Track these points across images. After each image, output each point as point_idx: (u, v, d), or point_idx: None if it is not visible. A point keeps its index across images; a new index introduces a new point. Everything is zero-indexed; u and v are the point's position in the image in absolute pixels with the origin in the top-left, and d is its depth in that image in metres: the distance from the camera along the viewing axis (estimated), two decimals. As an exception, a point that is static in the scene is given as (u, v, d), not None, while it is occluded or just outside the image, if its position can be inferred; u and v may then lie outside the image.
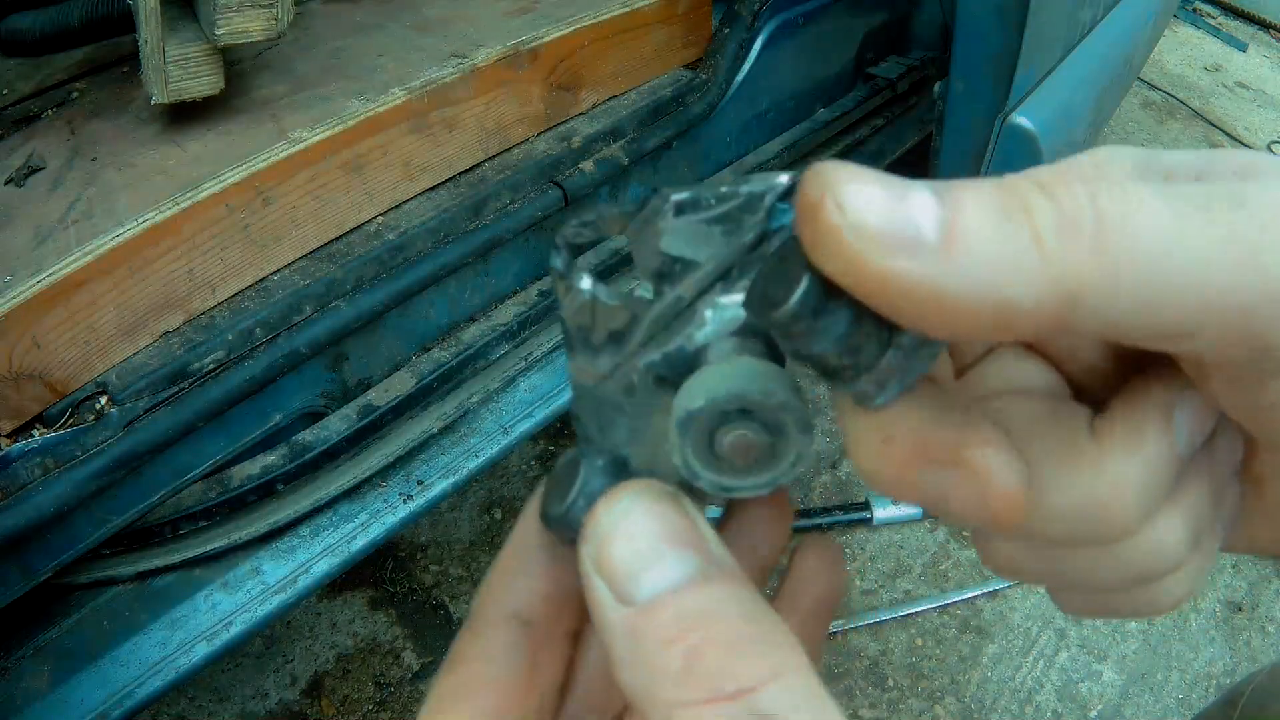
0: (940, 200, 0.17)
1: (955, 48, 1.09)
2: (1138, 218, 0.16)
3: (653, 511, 0.23)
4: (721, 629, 0.21)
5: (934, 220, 0.17)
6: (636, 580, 0.22)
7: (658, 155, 1.25)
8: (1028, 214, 0.17)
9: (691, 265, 0.24)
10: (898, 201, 0.17)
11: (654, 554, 0.22)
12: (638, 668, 0.21)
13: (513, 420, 1.10)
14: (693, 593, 0.21)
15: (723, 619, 0.21)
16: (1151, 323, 0.17)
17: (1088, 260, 0.16)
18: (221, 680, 1.45)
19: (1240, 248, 0.16)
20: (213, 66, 0.91)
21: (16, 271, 0.78)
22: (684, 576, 0.22)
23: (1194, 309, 0.17)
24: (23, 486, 0.77)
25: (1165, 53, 3.39)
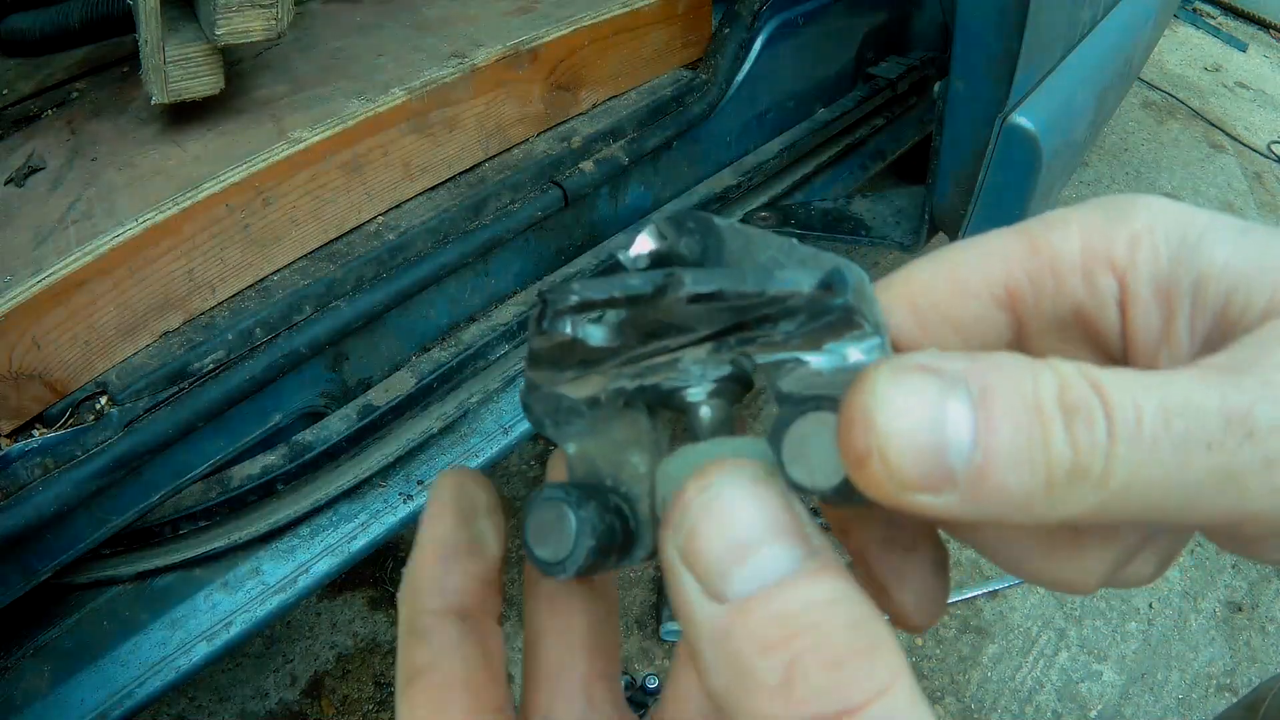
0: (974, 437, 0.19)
1: (955, 48, 1.09)
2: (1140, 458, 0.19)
3: (748, 495, 0.20)
4: (825, 636, 0.18)
5: (964, 459, 0.19)
6: (730, 574, 0.19)
7: (658, 155, 1.25)
8: (1047, 452, 0.19)
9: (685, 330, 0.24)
10: (934, 435, 0.19)
11: (750, 544, 0.20)
12: (730, 675, 0.19)
13: (513, 420, 1.10)
14: (794, 590, 0.19)
15: (826, 623, 0.19)
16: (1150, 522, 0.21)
17: (1092, 502, 0.19)
18: (221, 680, 1.45)
19: (1234, 484, 0.19)
20: (213, 66, 0.91)
21: (16, 271, 0.78)
22: (784, 570, 0.19)
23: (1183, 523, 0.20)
24: (23, 486, 0.77)
25: (1165, 53, 3.39)
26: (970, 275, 0.24)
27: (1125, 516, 0.19)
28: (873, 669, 0.18)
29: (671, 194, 1.32)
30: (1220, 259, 0.21)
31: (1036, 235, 0.23)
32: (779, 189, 1.44)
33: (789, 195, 1.47)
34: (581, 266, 1.19)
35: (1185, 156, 2.85)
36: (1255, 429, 0.19)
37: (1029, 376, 0.19)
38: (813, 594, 0.19)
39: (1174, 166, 2.80)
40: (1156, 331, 0.22)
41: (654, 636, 1.53)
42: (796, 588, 0.19)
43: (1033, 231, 0.23)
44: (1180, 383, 0.19)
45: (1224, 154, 2.88)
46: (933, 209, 1.29)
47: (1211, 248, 0.22)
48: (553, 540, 0.25)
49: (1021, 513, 0.19)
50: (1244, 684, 1.55)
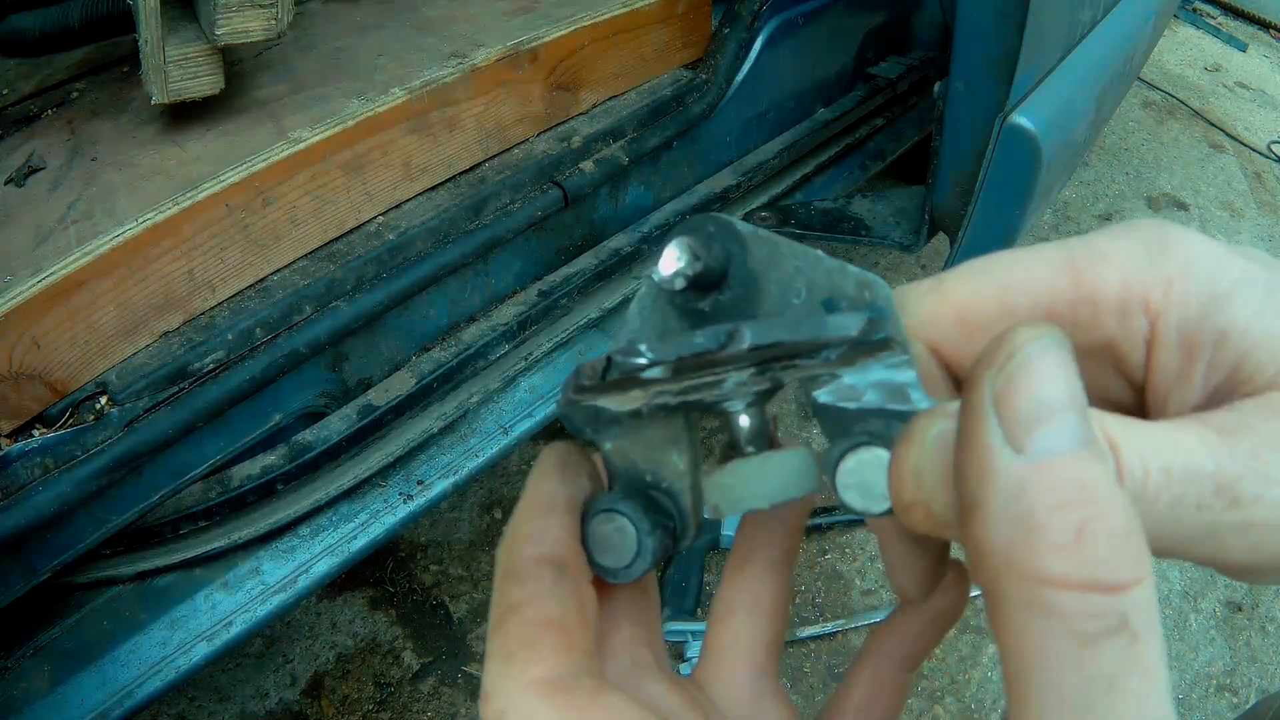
0: None
1: (955, 48, 1.09)
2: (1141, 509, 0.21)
3: (1064, 362, 0.21)
4: (1113, 511, 0.19)
5: None
6: (1035, 431, 0.20)
7: (658, 155, 1.25)
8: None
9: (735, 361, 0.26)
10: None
11: (1059, 407, 0.20)
12: (1017, 528, 0.19)
13: (513, 420, 1.10)
14: (1091, 464, 0.20)
15: (1113, 502, 0.19)
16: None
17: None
18: (222, 680, 1.45)
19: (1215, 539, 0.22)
20: (213, 66, 0.91)
21: (16, 271, 0.78)
22: (1082, 443, 0.20)
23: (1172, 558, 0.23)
24: (23, 486, 0.77)
25: (1165, 53, 3.39)
26: (1016, 299, 0.26)
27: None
28: (1144, 554, 0.19)
29: (671, 194, 1.32)
30: (1242, 321, 0.23)
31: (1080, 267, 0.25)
32: (779, 189, 1.44)
33: (789, 195, 1.47)
34: (582, 267, 1.19)
35: (1185, 156, 2.85)
36: (1240, 498, 0.21)
37: None
38: (1105, 472, 0.20)
39: (1174, 166, 2.80)
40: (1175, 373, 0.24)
41: (654, 636, 1.53)
42: (1091, 461, 0.20)
43: (1077, 261, 0.25)
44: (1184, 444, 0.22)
45: (1224, 154, 2.88)
46: (933, 209, 1.29)
47: (1236, 306, 0.23)
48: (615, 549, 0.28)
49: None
50: (1244, 684, 1.55)
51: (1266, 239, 2.55)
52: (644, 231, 1.25)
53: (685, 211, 1.29)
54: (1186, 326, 0.24)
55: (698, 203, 1.31)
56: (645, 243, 1.24)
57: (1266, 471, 0.21)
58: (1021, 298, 0.25)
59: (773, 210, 1.40)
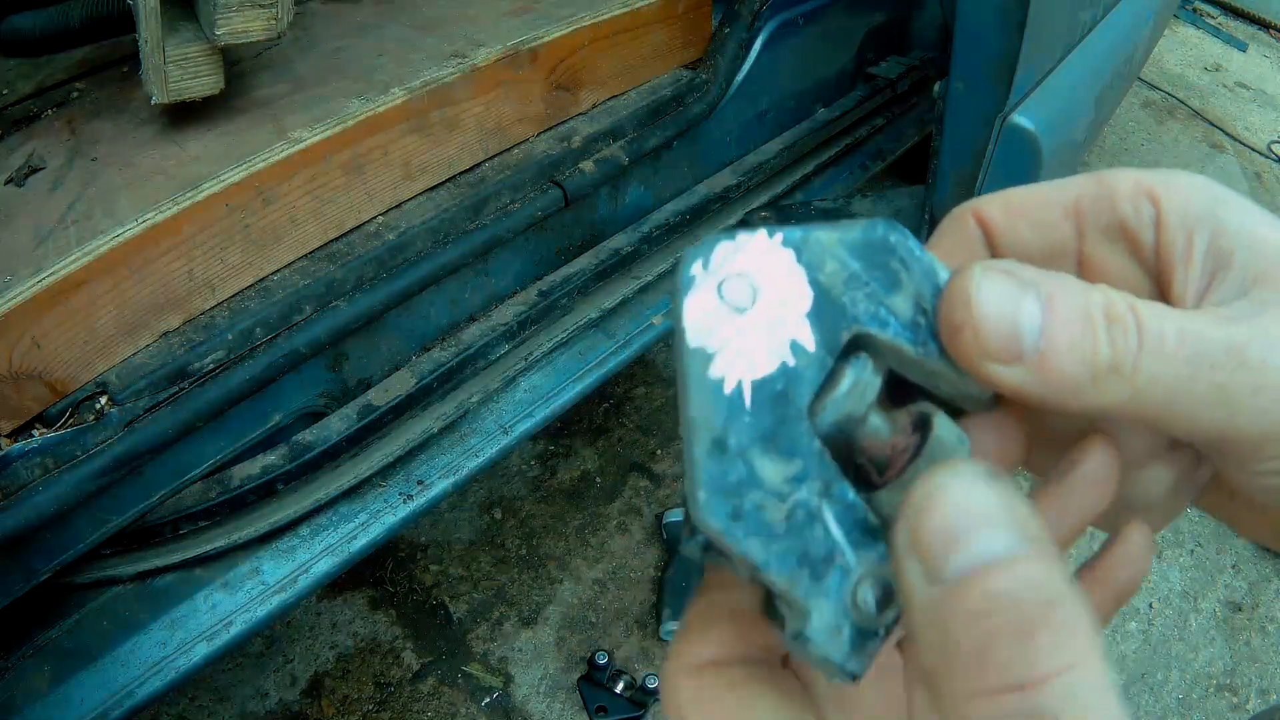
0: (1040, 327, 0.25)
1: (955, 48, 1.09)
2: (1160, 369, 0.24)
3: (970, 486, 0.22)
4: (1020, 612, 0.20)
5: (1032, 344, 0.25)
6: (945, 557, 0.21)
7: (658, 155, 1.25)
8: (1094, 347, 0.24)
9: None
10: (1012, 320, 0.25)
11: (968, 530, 0.21)
12: (937, 651, 0.21)
13: (513, 420, 1.10)
14: (1004, 570, 0.21)
15: (1024, 601, 0.20)
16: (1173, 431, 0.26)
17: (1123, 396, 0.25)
18: (221, 680, 1.45)
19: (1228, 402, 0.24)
20: (213, 66, 0.91)
21: (16, 271, 0.78)
22: (994, 554, 0.21)
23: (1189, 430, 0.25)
24: (23, 486, 0.77)
25: (1165, 53, 3.39)
26: (1050, 192, 0.30)
27: (1146, 413, 0.25)
28: (1062, 643, 0.20)
29: (671, 194, 1.32)
30: (1236, 220, 0.27)
31: (1102, 174, 0.30)
32: (779, 189, 1.44)
33: (789, 195, 1.47)
34: (582, 267, 1.19)
35: (1185, 156, 2.85)
36: (1248, 360, 0.24)
37: (1084, 290, 0.25)
38: (1017, 575, 0.21)
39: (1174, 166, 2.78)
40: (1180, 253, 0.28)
41: (654, 636, 1.53)
42: (1003, 570, 0.21)
43: (1100, 173, 0.30)
44: (1196, 318, 0.25)
45: (1224, 154, 2.88)
46: (933, 209, 1.29)
47: (1231, 210, 0.28)
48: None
49: (1071, 394, 0.25)
50: (1244, 684, 1.55)
51: (1266, 239, 2.55)
52: (644, 231, 1.25)
53: (685, 211, 1.29)
54: (1188, 216, 0.27)
55: (698, 203, 1.31)
56: (645, 243, 1.24)
57: (1269, 338, 0.24)
58: (1053, 191, 0.30)
59: (773, 210, 1.40)
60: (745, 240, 0.24)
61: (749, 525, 0.22)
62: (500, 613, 1.57)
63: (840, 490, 0.24)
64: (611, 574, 1.63)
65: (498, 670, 1.50)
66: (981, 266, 0.25)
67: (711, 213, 1.35)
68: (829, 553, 0.24)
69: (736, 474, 0.22)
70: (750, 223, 1.38)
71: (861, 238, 0.26)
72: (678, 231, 1.29)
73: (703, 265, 0.23)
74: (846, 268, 0.25)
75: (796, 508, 0.23)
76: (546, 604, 1.58)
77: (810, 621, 0.23)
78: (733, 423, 0.23)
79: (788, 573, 0.23)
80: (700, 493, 0.22)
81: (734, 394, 0.23)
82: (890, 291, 0.26)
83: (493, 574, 1.62)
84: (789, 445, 0.23)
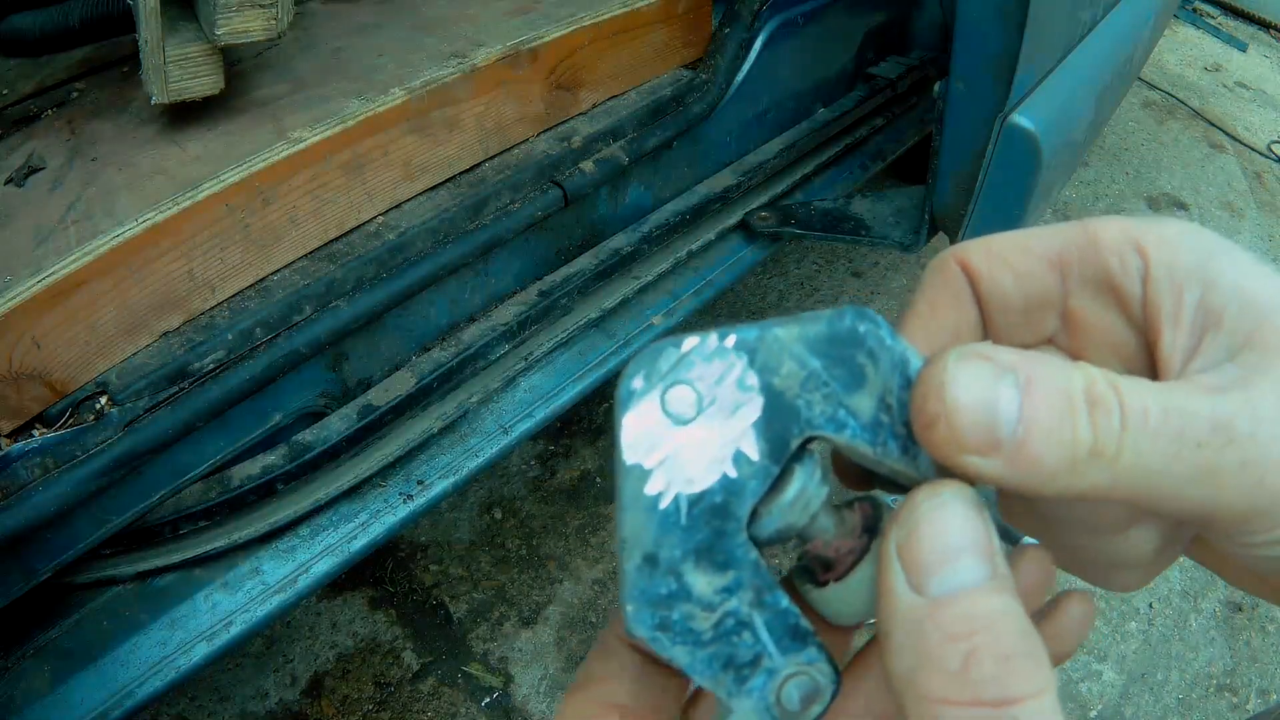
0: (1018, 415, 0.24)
1: (955, 48, 1.09)
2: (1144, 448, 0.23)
3: (962, 513, 0.24)
4: (1000, 638, 0.22)
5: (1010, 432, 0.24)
6: (933, 574, 0.23)
7: (658, 155, 1.25)
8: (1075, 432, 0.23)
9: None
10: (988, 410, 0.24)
11: (955, 552, 0.23)
12: (915, 658, 0.22)
13: (513, 420, 1.10)
14: (983, 597, 0.23)
15: (1003, 629, 0.22)
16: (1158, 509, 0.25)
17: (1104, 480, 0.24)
18: (221, 680, 1.45)
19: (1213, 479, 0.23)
20: (213, 66, 0.91)
21: (16, 271, 0.78)
22: (977, 580, 0.23)
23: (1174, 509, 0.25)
24: (23, 486, 0.77)
25: (1165, 53, 3.39)
26: (1034, 241, 0.29)
27: (1129, 495, 0.24)
28: (1033, 672, 0.22)
29: (671, 194, 1.32)
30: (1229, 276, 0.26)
31: (1088, 223, 0.29)
32: (779, 189, 1.44)
33: (789, 195, 1.47)
34: (582, 267, 1.19)
35: (1185, 156, 2.85)
36: (1235, 436, 0.23)
37: (1064, 371, 0.24)
38: (997, 603, 0.23)
39: (1174, 166, 2.80)
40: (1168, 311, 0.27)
41: (654, 636, 1.53)
42: (985, 597, 0.23)
43: (1086, 221, 0.29)
44: (1180, 392, 0.24)
45: (1224, 154, 2.88)
46: (933, 209, 1.29)
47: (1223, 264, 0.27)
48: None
49: (1050, 482, 0.24)
50: (1244, 684, 1.55)
51: (1266, 239, 2.55)
52: (644, 231, 1.25)
53: (685, 211, 1.29)
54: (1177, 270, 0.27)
55: (698, 202, 1.31)
56: (645, 243, 1.24)
57: (1257, 411, 0.24)
58: (1037, 241, 0.29)
59: (773, 210, 1.40)
60: (692, 346, 0.23)
61: (675, 635, 0.23)
62: (500, 613, 1.57)
63: (773, 599, 0.25)
64: (611, 574, 1.63)
65: (498, 670, 1.50)
66: (956, 354, 0.25)
67: (711, 213, 1.35)
68: (755, 656, 0.24)
69: (666, 587, 0.23)
70: (750, 222, 1.38)
71: (826, 332, 0.25)
72: (678, 231, 1.29)
73: (644, 377, 0.23)
74: (805, 366, 0.24)
75: (726, 616, 0.24)
76: (546, 604, 1.58)
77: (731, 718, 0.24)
78: (665, 538, 0.23)
79: (712, 676, 0.24)
80: (629, 605, 0.23)
81: (669, 509, 0.23)
82: (851, 390, 0.25)
83: (493, 574, 1.62)
84: (723, 558, 0.24)
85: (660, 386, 0.23)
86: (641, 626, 0.23)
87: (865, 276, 2.28)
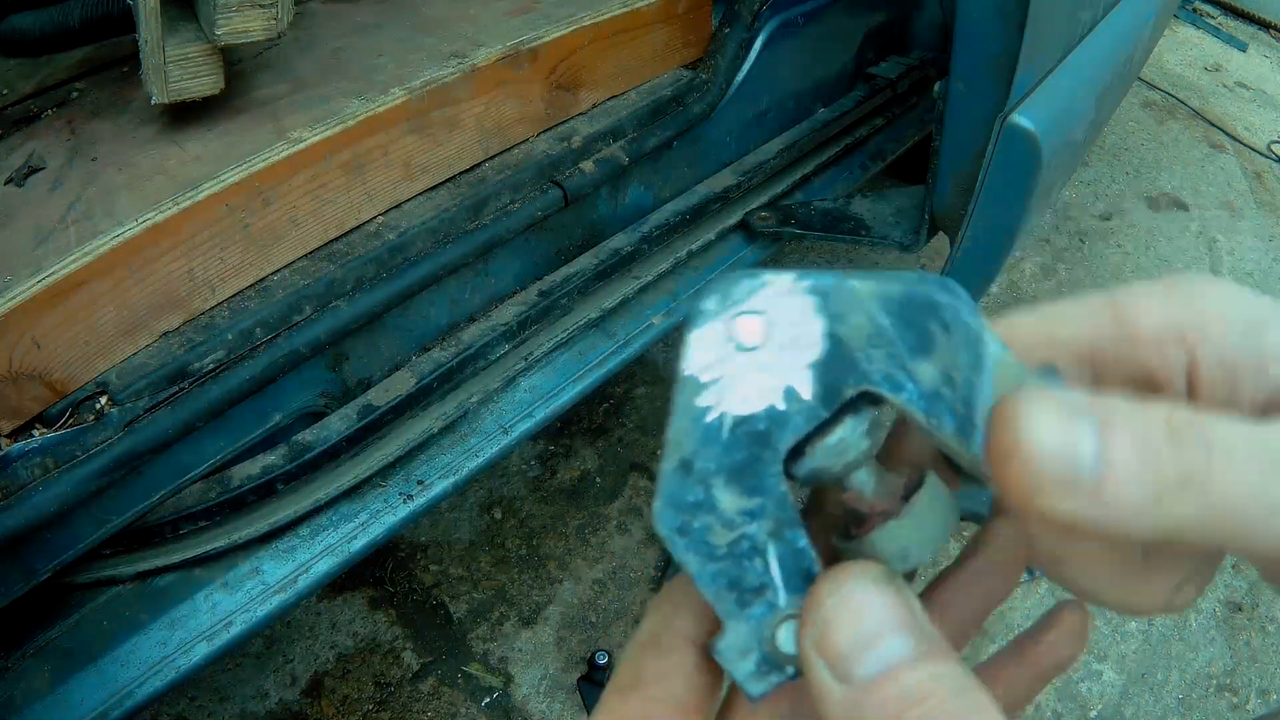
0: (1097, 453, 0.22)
1: (955, 48, 1.09)
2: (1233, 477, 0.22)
3: (871, 596, 0.24)
4: (936, 704, 0.22)
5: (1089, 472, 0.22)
6: (856, 660, 0.23)
7: (658, 155, 1.25)
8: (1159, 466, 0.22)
9: None
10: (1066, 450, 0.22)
11: (873, 635, 0.23)
12: None
13: (513, 420, 1.10)
14: (910, 671, 0.23)
15: (936, 695, 0.22)
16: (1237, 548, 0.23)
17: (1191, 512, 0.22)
18: (221, 680, 1.45)
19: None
20: (213, 66, 0.91)
21: (16, 271, 0.78)
22: (901, 656, 0.23)
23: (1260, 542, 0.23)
24: (23, 486, 0.77)
25: (1165, 53, 3.39)
26: (1062, 333, 0.28)
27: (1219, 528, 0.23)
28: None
29: (671, 194, 1.32)
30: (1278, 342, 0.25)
31: (1122, 308, 0.27)
32: (779, 189, 1.44)
33: (789, 195, 1.47)
34: (582, 267, 1.19)
35: (1185, 156, 2.85)
36: None
37: (1141, 409, 0.23)
38: (925, 673, 0.23)
39: (1174, 166, 2.80)
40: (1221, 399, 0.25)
41: (654, 636, 1.53)
42: (912, 669, 0.23)
43: (1119, 303, 0.27)
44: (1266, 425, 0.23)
45: (1224, 154, 2.88)
46: (933, 209, 1.29)
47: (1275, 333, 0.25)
48: None
49: (1135, 519, 0.22)
50: (1244, 684, 1.55)
51: (1267, 239, 2.55)
52: (644, 231, 1.25)
53: (685, 211, 1.29)
54: (1226, 354, 0.25)
55: (698, 202, 1.31)
56: (645, 243, 1.24)
57: None
58: (1067, 331, 0.27)
59: (773, 210, 1.40)
60: (768, 280, 0.24)
61: (691, 541, 0.24)
62: (500, 613, 1.57)
63: (792, 535, 0.25)
64: (611, 574, 1.63)
65: (498, 670, 1.50)
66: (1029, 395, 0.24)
67: (711, 213, 1.35)
68: (760, 585, 0.25)
69: (694, 495, 0.24)
70: (751, 222, 1.38)
71: (903, 292, 0.25)
72: (678, 231, 1.29)
73: (718, 300, 0.24)
74: (874, 322, 0.25)
75: (742, 538, 0.25)
76: (546, 604, 1.58)
77: (723, 638, 0.25)
78: (704, 449, 0.24)
79: (715, 591, 0.25)
80: (657, 502, 0.24)
81: (713, 424, 0.24)
82: (916, 355, 0.25)
83: (493, 574, 1.62)
84: (754, 482, 0.25)
85: (731, 311, 0.24)
86: (663, 524, 0.24)
87: (865, 276, 2.28)
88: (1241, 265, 2.44)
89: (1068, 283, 2.34)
